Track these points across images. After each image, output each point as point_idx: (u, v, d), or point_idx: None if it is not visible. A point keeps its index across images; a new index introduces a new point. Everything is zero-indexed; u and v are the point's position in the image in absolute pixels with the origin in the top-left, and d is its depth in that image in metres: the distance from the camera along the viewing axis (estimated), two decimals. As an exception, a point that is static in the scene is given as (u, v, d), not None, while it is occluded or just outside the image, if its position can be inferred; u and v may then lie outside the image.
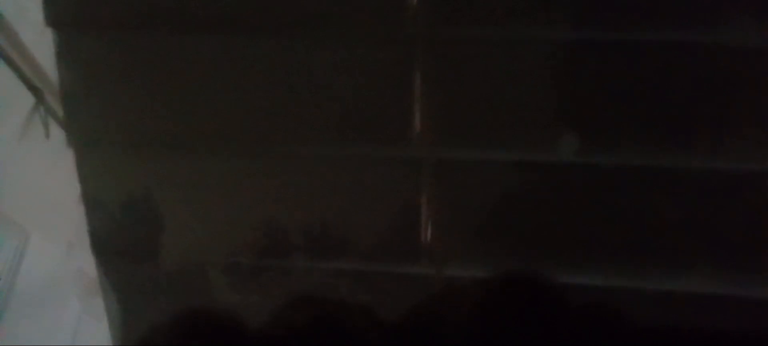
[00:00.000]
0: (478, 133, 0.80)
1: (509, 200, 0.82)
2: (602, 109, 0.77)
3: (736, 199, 0.78)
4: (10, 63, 0.94)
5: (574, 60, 0.76)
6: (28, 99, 0.99)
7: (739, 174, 0.77)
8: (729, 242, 0.80)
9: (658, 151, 0.78)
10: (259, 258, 0.88)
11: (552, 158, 0.79)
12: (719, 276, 0.80)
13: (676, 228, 0.80)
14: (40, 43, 0.92)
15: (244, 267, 0.89)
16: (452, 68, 0.77)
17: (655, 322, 0.83)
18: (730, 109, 0.75)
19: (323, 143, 0.82)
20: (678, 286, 0.81)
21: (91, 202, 0.87)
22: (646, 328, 0.83)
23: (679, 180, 0.79)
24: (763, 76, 0.74)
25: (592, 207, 0.81)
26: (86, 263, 1.14)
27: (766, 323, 0.81)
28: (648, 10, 0.72)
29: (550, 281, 0.84)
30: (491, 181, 0.81)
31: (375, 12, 0.77)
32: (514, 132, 0.79)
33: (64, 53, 0.79)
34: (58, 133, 1.03)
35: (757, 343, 0.82)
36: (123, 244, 0.90)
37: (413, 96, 0.78)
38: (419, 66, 0.77)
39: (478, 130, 0.80)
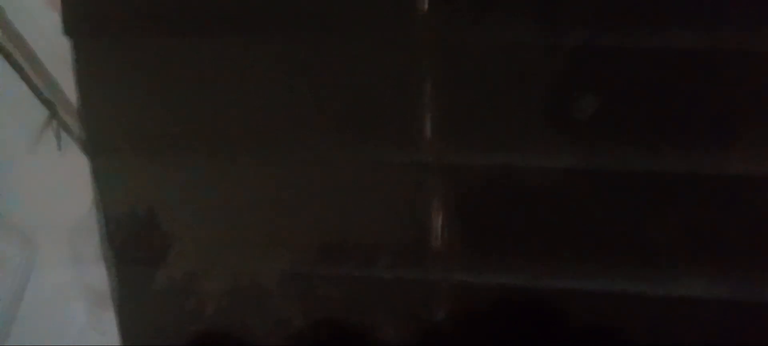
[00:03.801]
0: (488, 138, 0.80)
1: (519, 205, 0.83)
2: (613, 113, 0.77)
3: (740, 203, 0.79)
4: (23, 75, 0.95)
5: (583, 64, 0.76)
6: (40, 112, 1.00)
7: (743, 178, 0.78)
8: (733, 246, 0.80)
9: (672, 157, 0.78)
10: (276, 266, 0.89)
11: (562, 163, 0.79)
12: (723, 281, 0.80)
13: (687, 233, 0.80)
14: (54, 56, 0.93)
15: (260, 275, 0.90)
16: (462, 73, 0.78)
17: (665, 328, 0.83)
18: (733, 113, 0.76)
19: (333, 148, 0.83)
20: (686, 292, 0.81)
21: (107, 210, 0.88)
22: (654, 335, 0.83)
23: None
24: (765, 79, 0.74)
25: (603, 212, 0.81)
26: (94, 276, 1.14)
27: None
28: (656, 14, 0.73)
29: (556, 291, 0.84)
30: (501, 185, 0.82)
31: (385, 17, 0.78)
32: (524, 137, 0.80)
33: (81, 61, 0.80)
34: (70, 147, 1.03)
35: None
36: (137, 252, 0.90)
37: (423, 101, 0.79)
38: (429, 71, 0.78)
39: (488, 135, 0.80)
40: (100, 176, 0.86)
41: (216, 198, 0.87)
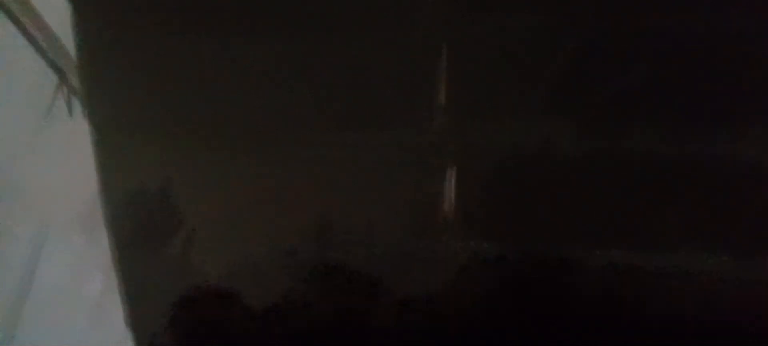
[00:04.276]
0: (502, 111, 0.80)
1: (531, 179, 0.82)
2: (628, 91, 0.77)
3: (755, 186, 0.79)
4: (34, 44, 0.95)
5: (598, 42, 0.76)
6: (51, 80, 1.00)
7: (753, 161, 0.78)
8: (747, 227, 0.80)
9: (685, 136, 0.78)
10: (288, 242, 0.87)
11: (573, 139, 0.79)
12: (737, 261, 0.80)
13: (699, 210, 0.80)
14: (65, 25, 0.92)
15: (270, 253, 0.88)
16: (477, 45, 0.77)
17: (680, 304, 0.83)
18: (749, 97, 0.76)
19: (345, 122, 0.82)
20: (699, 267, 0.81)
21: (108, 188, 0.86)
22: (668, 309, 0.83)
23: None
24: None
25: (617, 188, 0.81)
26: (107, 250, 1.15)
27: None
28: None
29: (568, 260, 0.83)
30: (514, 158, 0.81)
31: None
32: (540, 108, 0.79)
33: (81, 24, 0.79)
34: (81, 118, 1.03)
35: None
36: (141, 231, 0.89)
37: (438, 73, 0.78)
38: (444, 42, 0.77)
39: (503, 107, 0.80)
40: (102, 150, 0.85)
41: (223, 172, 0.86)
